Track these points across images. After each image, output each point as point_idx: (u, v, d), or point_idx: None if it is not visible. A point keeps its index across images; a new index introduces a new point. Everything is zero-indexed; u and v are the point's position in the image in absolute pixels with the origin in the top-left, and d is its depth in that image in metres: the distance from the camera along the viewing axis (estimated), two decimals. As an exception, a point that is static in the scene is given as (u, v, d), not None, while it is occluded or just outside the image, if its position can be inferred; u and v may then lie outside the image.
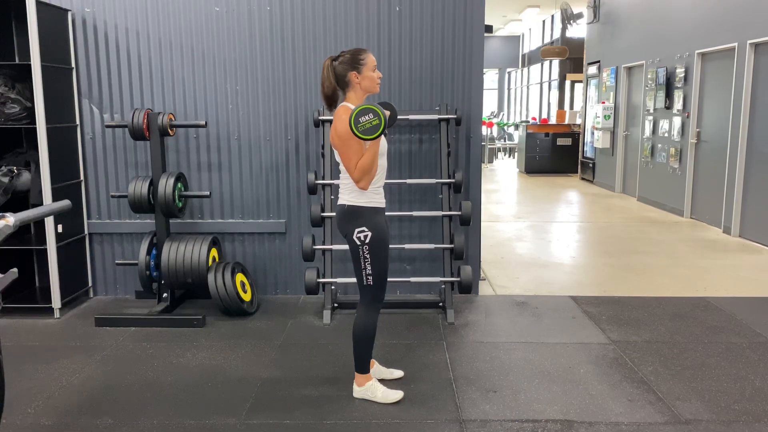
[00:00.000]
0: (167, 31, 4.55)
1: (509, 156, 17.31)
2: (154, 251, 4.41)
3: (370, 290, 3.03)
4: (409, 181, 4.53)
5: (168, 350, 3.79)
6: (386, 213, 3.09)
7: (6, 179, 4.19)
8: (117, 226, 4.75)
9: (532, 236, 7.10)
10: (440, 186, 4.51)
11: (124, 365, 3.57)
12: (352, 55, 2.92)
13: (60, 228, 4.35)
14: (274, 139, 4.68)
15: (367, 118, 2.70)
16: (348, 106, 2.91)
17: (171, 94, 4.62)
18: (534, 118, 17.00)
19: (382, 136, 2.95)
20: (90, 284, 4.80)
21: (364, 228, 2.93)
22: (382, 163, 3.00)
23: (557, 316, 4.36)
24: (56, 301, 4.33)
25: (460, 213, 4.36)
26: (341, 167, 2.97)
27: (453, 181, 4.39)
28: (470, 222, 4.40)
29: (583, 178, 12.27)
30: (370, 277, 2.99)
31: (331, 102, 2.98)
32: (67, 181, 4.46)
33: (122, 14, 4.54)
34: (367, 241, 2.93)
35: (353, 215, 2.95)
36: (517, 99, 22.67)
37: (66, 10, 4.45)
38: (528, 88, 20.70)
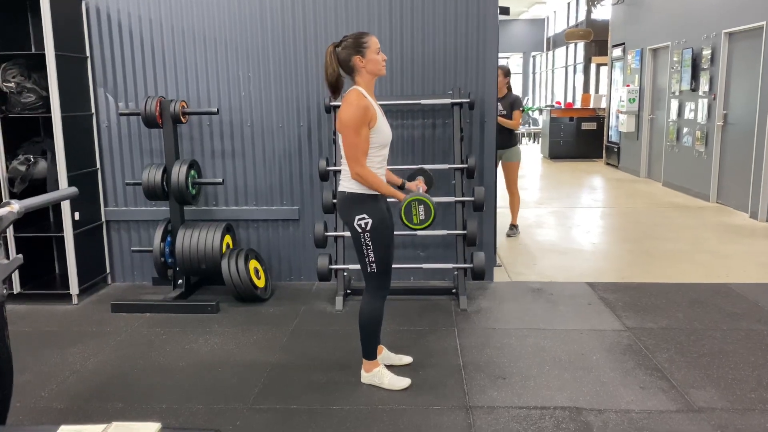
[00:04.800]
0: (179, 18, 4.56)
1: (534, 141, 17.09)
2: (168, 238, 4.45)
3: (374, 278, 3.00)
4: (421, 166, 4.47)
5: (181, 336, 3.82)
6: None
7: (23, 168, 4.26)
8: (133, 214, 4.80)
9: (553, 222, 7.01)
10: (453, 171, 4.46)
11: (137, 351, 3.62)
12: (355, 39, 2.87)
13: (77, 215, 4.41)
14: (286, 126, 4.67)
15: (414, 213, 2.84)
16: (358, 90, 2.86)
17: (184, 81, 4.64)
18: (558, 103, 16.74)
19: (386, 124, 2.93)
20: (108, 271, 4.87)
21: (364, 215, 2.89)
22: (384, 153, 2.97)
23: (572, 303, 4.30)
24: (74, 288, 4.40)
25: (473, 199, 4.31)
26: (342, 152, 2.93)
27: (466, 166, 4.34)
28: (483, 208, 4.34)
29: (608, 163, 12.06)
30: (374, 265, 2.96)
31: (335, 89, 2.93)
32: (84, 169, 4.51)
33: (135, 2, 4.55)
34: (368, 228, 2.90)
35: (353, 202, 2.92)
36: (542, 83, 22.35)
37: (80, 0, 4.49)
38: (553, 72, 20.38)
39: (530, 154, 14.40)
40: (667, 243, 5.91)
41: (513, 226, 6.36)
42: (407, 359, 3.36)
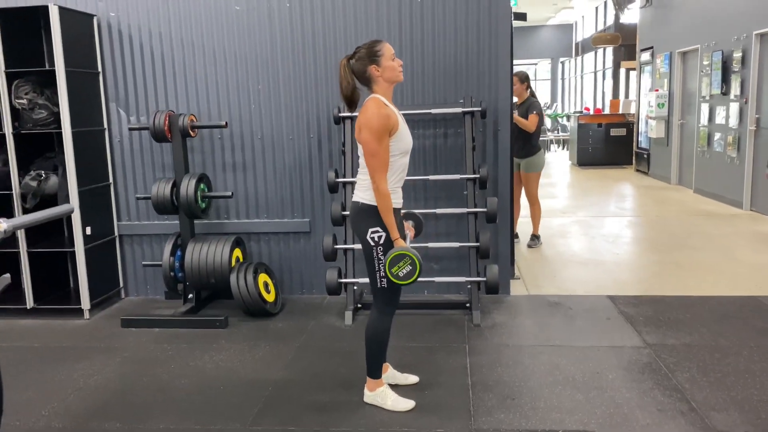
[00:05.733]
0: (189, 32, 4.55)
1: (563, 148, 16.79)
2: (178, 252, 4.42)
3: (384, 294, 2.90)
4: (432, 177, 4.37)
5: (187, 352, 3.77)
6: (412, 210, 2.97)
7: (34, 183, 4.28)
8: (146, 228, 4.79)
9: (577, 232, 6.81)
10: (465, 182, 4.34)
11: (142, 367, 3.57)
12: (368, 49, 2.79)
13: (88, 230, 4.42)
14: (296, 138, 4.61)
15: (400, 265, 2.68)
16: (378, 98, 2.78)
17: (195, 95, 4.62)
18: (587, 108, 16.43)
19: (407, 131, 2.85)
20: (121, 285, 4.86)
21: (378, 228, 2.79)
22: (404, 161, 2.87)
23: (591, 318, 4.13)
24: (85, 302, 4.40)
25: (485, 210, 4.18)
26: (361, 160, 2.85)
27: (478, 176, 4.22)
28: (497, 219, 4.21)
29: (638, 170, 11.75)
30: (384, 280, 2.85)
31: (351, 102, 2.85)
32: (96, 183, 4.52)
33: (145, 17, 4.56)
34: (382, 242, 2.80)
35: (367, 214, 2.82)
36: (571, 89, 22.01)
37: (91, 15, 4.51)
38: (582, 77, 20.05)
39: (558, 161, 14.14)
40: (696, 253, 5.68)
41: (534, 237, 6.20)
42: (413, 378, 3.24)
